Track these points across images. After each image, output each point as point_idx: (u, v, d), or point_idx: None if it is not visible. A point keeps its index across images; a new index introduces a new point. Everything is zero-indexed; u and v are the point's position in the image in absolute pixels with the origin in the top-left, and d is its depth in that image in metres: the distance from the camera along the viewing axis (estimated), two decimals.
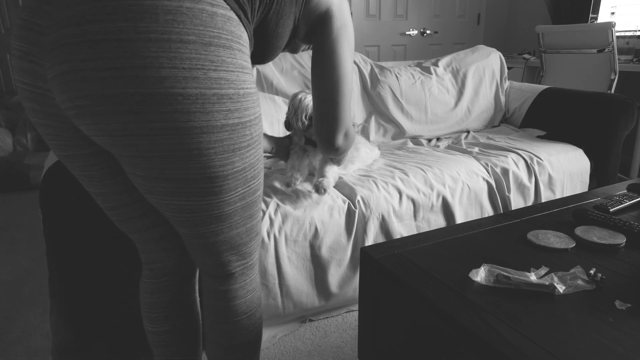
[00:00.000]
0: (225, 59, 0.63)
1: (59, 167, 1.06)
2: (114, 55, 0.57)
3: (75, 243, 1.10)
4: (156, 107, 0.59)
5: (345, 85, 0.90)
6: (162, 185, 0.68)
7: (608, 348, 0.68)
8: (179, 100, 0.60)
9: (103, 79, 0.58)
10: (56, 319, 1.17)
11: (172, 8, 0.58)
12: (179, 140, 0.62)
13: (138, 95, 0.59)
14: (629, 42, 3.18)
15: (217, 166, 0.67)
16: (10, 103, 3.54)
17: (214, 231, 0.76)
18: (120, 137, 0.62)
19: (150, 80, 0.58)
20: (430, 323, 0.83)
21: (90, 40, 0.57)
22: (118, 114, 0.60)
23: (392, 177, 1.58)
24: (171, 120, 0.61)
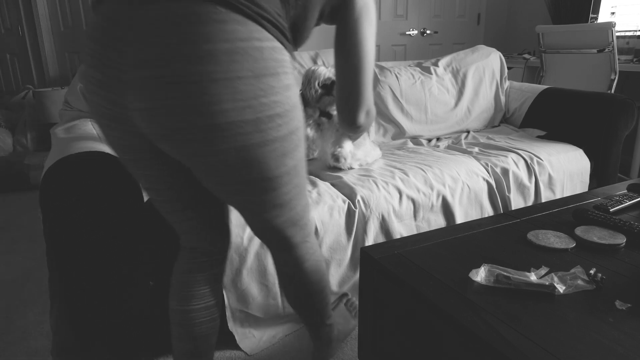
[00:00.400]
0: (274, 85, 0.73)
1: (59, 167, 1.06)
2: (185, 95, 0.68)
3: (75, 243, 1.10)
4: (221, 133, 0.71)
5: (367, 63, 0.94)
6: (230, 188, 0.81)
7: (608, 348, 0.68)
8: (239, 125, 0.71)
9: (177, 114, 0.70)
10: (56, 319, 1.17)
11: (229, 49, 0.67)
12: (241, 156, 0.75)
13: (206, 126, 0.70)
14: (629, 42, 3.18)
15: (273, 169, 0.79)
16: (10, 103, 3.54)
17: (276, 215, 0.89)
18: (193, 157, 0.76)
19: (215, 113, 0.69)
20: (430, 323, 0.83)
21: (166, 83, 0.68)
22: (191, 141, 0.73)
23: (392, 177, 1.58)
24: (233, 142, 0.73)
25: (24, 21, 3.76)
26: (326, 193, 1.46)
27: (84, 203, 1.08)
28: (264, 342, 1.39)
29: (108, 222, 1.11)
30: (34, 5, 3.63)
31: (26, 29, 3.78)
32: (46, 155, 1.26)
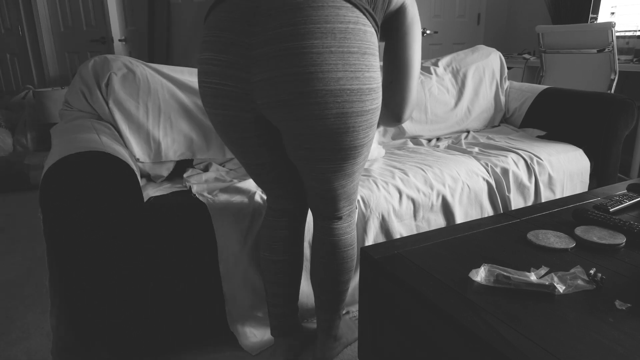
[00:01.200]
0: (373, 63, 0.89)
1: (59, 167, 1.06)
2: (308, 64, 0.83)
3: (75, 243, 1.10)
4: (333, 98, 0.86)
5: (414, 68, 1.08)
6: (320, 155, 0.95)
7: (608, 348, 0.68)
8: (347, 92, 0.86)
9: (301, 80, 0.84)
10: (56, 319, 1.17)
11: (343, 29, 0.84)
12: (344, 121, 0.89)
13: (323, 91, 0.85)
14: (629, 42, 3.18)
15: (361, 138, 0.94)
16: (10, 103, 3.54)
17: (342, 185, 1.05)
18: (304, 121, 0.89)
19: (332, 80, 0.84)
20: (430, 323, 0.83)
21: (292, 54, 0.83)
22: (309, 104, 0.86)
23: (392, 176, 1.58)
24: (341, 108, 0.87)
25: (24, 21, 3.76)
26: None
27: (84, 203, 1.08)
28: (265, 342, 1.39)
29: (108, 222, 1.11)
30: (34, 5, 3.64)
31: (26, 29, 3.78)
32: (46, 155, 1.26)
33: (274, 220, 1.21)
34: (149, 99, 1.57)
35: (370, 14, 0.89)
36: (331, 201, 1.09)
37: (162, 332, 1.30)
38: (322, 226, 1.15)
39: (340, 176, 1.02)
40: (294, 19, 0.82)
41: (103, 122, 1.53)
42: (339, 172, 1.01)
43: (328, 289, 1.18)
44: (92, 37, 3.66)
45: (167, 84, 1.62)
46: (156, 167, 1.61)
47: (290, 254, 1.22)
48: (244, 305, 1.37)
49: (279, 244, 1.21)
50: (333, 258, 1.15)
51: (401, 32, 1.06)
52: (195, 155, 1.66)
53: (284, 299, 1.25)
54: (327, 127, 0.89)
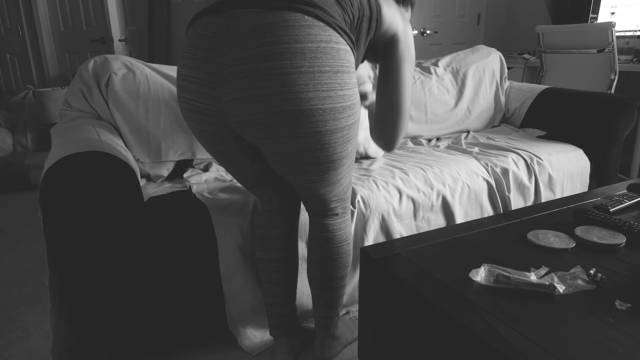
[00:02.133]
0: (347, 81, 0.89)
1: (59, 167, 1.06)
2: (277, 84, 0.83)
3: (75, 243, 1.10)
4: (305, 117, 0.86)
5: (406, 97, 1.09)
6: (301, 169, 0.97)
7: (608, 348, 0.68)
8: (319, 112, 0.87)
9: (270, 100, 0.85)
10: (56, 319, 1.16)
11: (314, 48, 0.84)
12: (319, 139, 0.90)
13: (294, 111, 0.86)
14: (629, 42, 3.18)
15: (339, 152, 0.95)
16: (10, 103, 3.54)
17: (329, 191, 1.07)
18: (279, 139, 0.90)
19: (302, 100, 0.85)
20: (430, 323, 0.83)
21: (261, 75, 0.83)
22: (281, 124, 0.87)
23: (392, 176, 1.58)
24: (314, 127, 0.88)
25: (24, 21, 3.76)
26: None
27: (84, 203, 1.08)
28: (265, 342, 1.39)
29: (108, 222, 1.11)
30: (34, 5, 3.64)
31: (26, 29, 3.78)
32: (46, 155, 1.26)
33: (267, 220, 1.22)
34: (149, 99, 1.57)
35: (345, 32, 0.89)
36: (322, 203, 1.11)
37: (162, 332, 1.30)
38: (316, 222, 1.17)
39: (325, 184, 1.04)
40: (263, 39, 0.83)
41: (103, 122, 1.53)
42: (324, 182, 1.03)
43: (324, 285, 1.19)
44: (92, 37, 3.66)
45: (167, 84, 1.62)
46: (156, 167, 1.61)
47: (285, 252, 1.23)
48: (244, 306, 1.37)
49: (273, 243, 1.22)
50: (328, 253, 1.16)
51: (393, 65, 1.06)
52: (195, 155, 1.66)
53: (281, 298, 1.25)
54: (302, 145, 0.91)
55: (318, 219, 1.16)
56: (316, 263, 1.18)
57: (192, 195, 1.40)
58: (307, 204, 1.15)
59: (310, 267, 1.21)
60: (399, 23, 1.06)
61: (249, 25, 0.84)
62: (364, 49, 1.04)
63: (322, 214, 1.15)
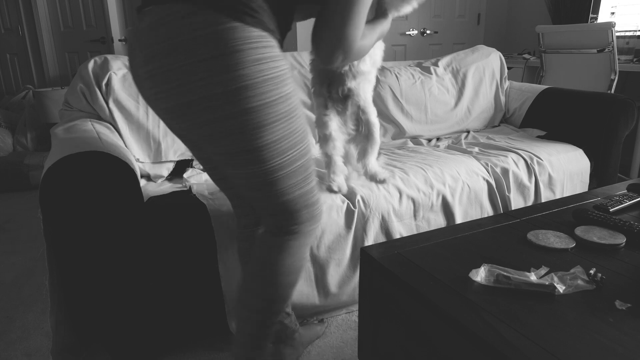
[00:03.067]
0: (238, 61, 0.78)
1: (59, 167, 1.06)
2: (161, 82, 0.82)
3: (75, 243, 1.10)
4: (195, 107, 0.81)
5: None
6: (222, 160, 0.89)
7: (608, 348, 0.68)
8: (209, 99, 0.80)
9: (160, 99, 0.84)
10: (56, 319, 1.16)
11: (189, 39, 0.77)
12: (217, 127, 0.82)
13: (183, 105, 0.82)
14: (629, 42, 3.18)
15: (249, 140, 0.83)
16: (10, 103, 3.54)
17: (267, 196, 0.92)
18: (187, 131, 0.86)
19: (188, 92, 0.80)
20: (430, 323, 0.83)
21: (150, 76, 0.83)
22: (178, 117, 0.85)
23: (392, 176, 1.58)
24: (208, 114, 0.81)
25: (24, 21, 3.76)
26: (325, 192, 1.46)
27: (84, 203, 1.08)
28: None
29: (108, 222, 1.11)
30: (34, 5, 3.64)
31: (26, 29, 3.78)
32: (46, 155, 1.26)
33: (239, 233, 1.20)
34: None
35: (230, 5, 0.78)
36: (270, 214, 0.96)
37: (161, 331, 1.30)
38: (264, 239, 1.02)
39: (256, 184, 0.90)
40: (148, 41, 0.81)
41: (103, 122, 1.53)
42: (252, 179, 0.89)
43: (252, 300, 1.03)
44: (92, 37, 3.66)
45: None
46: (156, 167, 1.61)
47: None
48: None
49: (247, 257, 1.18)
50: (263, 280, 1.01)
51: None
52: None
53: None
54: (206, 134, 0.85)
55: (267, 236, 1.01)
56: (248, 274, 1.04)
57: (192, 195, 1.40)
58: (258, 212, 1.04)
59: (244, 273, 1.08)
60: None
61: (144, 27, 0.83)
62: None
63: (272, 231, 0.99)
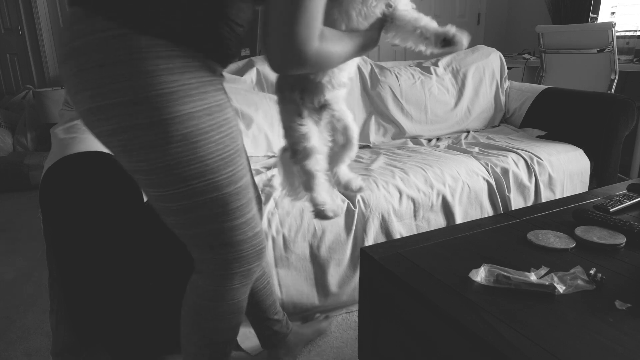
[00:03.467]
0: (123, 71, 0.70)
1: (59, 167, 1.06)
2: (67, 88, 0.76)
3: (75, 243, 1.10)
4: (85, 120, 0.76)
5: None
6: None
7: (608, 348, 0.68)
8: (92, 112, 0.73)
9: (72, 103, 0.77)
10: (56, 319, 1.16)
11: (79, 45, 0.71)
12: (111, 141, 0.75)
13: (80, 114, 0.76)
14: (629, 42, 3.18)
15: (137, 161, 0.75)
16: (10, 103, 3.54)
17: (174, 224, 0.82)
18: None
19: (77, 103, 0.75)
20: (430, 323, 0.83)
21: (64, 79, 0.75)
22: (85, 124, 0.77)
23: (392, 176, 1.58)
24: (101, 126, 0.74)
25: (24, 21, 3.76)
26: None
27: (84, 203, 1.08)
28: None
29: (108, 222, 1.11)
30: (34, 5, 3.63)
31: (26, 29, 3.78)
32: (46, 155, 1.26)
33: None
34: None
35: (119, 10, 0.70)
36: (188, 244, 0.87)
37: (161, 332, 1.30)
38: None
39: (162, 209, 0.81)
40: (59, 43, 0.75)
41: None
42: (157, 203, 0.81)
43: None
44: None
45: None
46: None
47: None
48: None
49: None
50: (184, 314, 0.94)
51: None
52: None
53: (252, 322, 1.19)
54: (106, 145, 0.78)
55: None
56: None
57: None
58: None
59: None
60: None
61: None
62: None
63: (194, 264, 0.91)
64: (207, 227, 0.81)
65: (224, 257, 0.85)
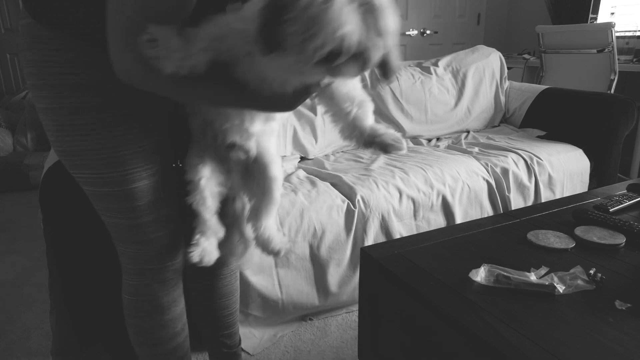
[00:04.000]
0: (28, 58, 0.74)
1: (59, 167, 1.06)
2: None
3: (75, 243, 1.10)
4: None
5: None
6: None
7: (608, 348, 0.68)
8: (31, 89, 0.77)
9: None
10: (56, 319, 1.16)
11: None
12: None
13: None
14: (628, 42, 3.18)
15: (51, 141, 0.80)
16: (10, 103, 3.54)
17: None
18: None
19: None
20: (430, 323, 0.83)
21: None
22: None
23: (392, 176, 1.58)
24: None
25: None
26: (325, 192, 1.46)
27: (84, 203, 1.07)
28: (265, 342, 1.39)
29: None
30: None
31: None
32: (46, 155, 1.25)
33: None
34: None
35: (29, 3, 0.71)
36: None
37: None
38: None
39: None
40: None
41: None
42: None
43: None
44: None
45: None
46: None
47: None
48: (242, 305, 1.37)
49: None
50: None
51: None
52: None
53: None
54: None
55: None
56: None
57: None
58: None
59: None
60: None
61: None
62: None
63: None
64: (107, 219, 0.85)
65: (126, 252, 0.88)
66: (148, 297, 0.90)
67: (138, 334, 0.94)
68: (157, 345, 0.94)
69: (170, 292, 0.92)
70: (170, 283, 0.91)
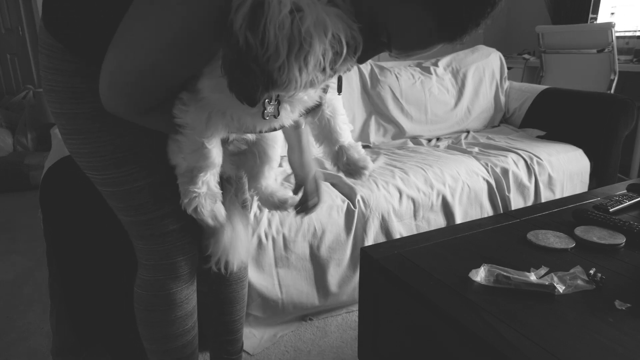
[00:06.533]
0: (41, 60, 0.77)
1: (59, 167, 1.06)
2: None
3: (75, 243, 1.10)
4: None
5: (137, 17, 0.63)
6: None
7: (608, 348, 0.68)
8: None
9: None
10: (56, 319, 1.17)
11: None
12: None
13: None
14: (628, 42, 3.18)
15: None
16: (10, 103, 3.54)
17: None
18: None
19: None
20: (430, 323, 0.83)
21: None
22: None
23: (392, 176, 1.58)
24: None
25: (24, 21, 3.76)
26: (325, 192, 1.46)
27: (84, 203, 1.08)
28: (265, 341, 1.39)
29: (108, 222, 1.11)
30: (34, 5, 3.63)
31: (26, 29, 3.78)
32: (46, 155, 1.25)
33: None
34: None
35: (45, 8, 0.74)
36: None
37: None
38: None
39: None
40: None
41: None
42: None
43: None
44: None
45: None
46: None
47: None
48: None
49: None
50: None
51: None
52: None
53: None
54: None
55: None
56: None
57: None
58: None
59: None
60: None
61: None
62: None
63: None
64: (119, 217, 0.88)
65: (140, 248, 0.90)
66: (161, 292, 0.92)
67: (148, 328, 0.96)
68: (166, 341, 0.96)
69: (184, 288, 0.93)
70: (183, 279, 0.92)
